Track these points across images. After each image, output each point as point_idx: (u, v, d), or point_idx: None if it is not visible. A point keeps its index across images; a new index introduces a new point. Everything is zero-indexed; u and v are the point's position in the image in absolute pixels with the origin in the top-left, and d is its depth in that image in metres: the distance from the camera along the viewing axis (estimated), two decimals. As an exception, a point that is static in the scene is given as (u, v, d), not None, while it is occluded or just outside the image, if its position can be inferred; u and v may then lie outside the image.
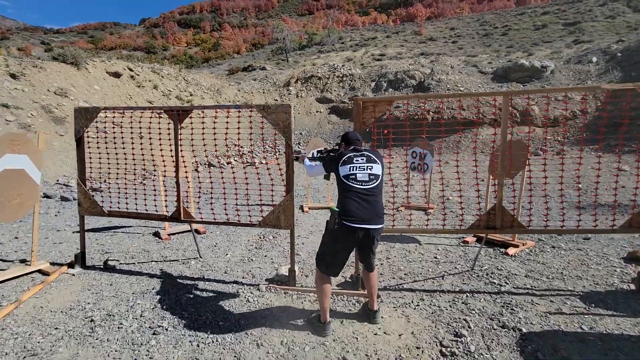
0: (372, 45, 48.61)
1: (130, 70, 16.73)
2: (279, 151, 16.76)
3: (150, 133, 4.02)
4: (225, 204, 3.98)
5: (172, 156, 3.59)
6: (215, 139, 3.69)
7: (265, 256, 4.34)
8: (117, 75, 15.79)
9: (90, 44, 66.78)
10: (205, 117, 4.05)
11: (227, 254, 4.40)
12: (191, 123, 3.48)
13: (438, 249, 4.40)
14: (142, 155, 4.20)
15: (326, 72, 24.20)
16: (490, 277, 3.51)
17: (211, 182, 4.51)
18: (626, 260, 3.73)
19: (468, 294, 3.18)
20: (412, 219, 5.65)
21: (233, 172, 3.90)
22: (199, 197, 4.93)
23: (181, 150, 3.63)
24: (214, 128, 3.55)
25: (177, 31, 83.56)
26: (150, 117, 3.67)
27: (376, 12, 74.93)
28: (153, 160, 4.56)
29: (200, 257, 4.25)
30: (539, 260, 3.88)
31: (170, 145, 3.60)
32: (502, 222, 3.06)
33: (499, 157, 4.21)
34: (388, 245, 4.58)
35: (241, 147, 15.79)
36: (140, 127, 4.12)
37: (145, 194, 4.62)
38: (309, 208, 6.73)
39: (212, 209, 5.14)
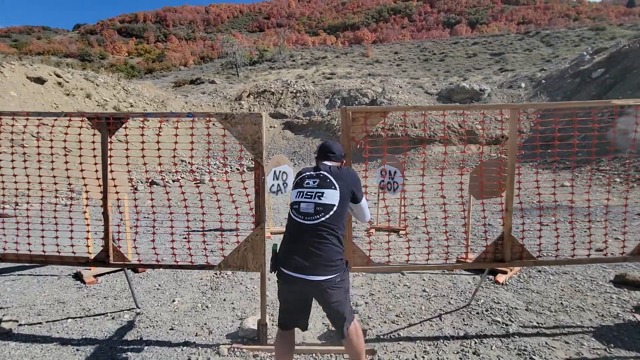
0: (323, 64, 49.72)
1: (58, 76, 14.65)
2: (242, 167, 15.67)
3: (81, 149, 3.05)
4: (172, 233, 3.12)
5: (98, 178, 2.70)
6: (159, 155, 2.86)
7: (224, 300, 3.52)
8: (40, 81, 13.68)
9: (13, 48, 59.25)
10: (147, 128, 3.20)
11: (173, 300, 3.49)
12: (126, 135, 2.65)
13: (424, 280, 3.93)
14: (67, 172, 3.18)
15: (280, 88, 23.77)
16: (491, 313, 3.10)
17: (153, 207, 3.59)
18: (616, 284, 3.58)
19: (476, 340, 2.70)
20: (390, 247, 5.19)
21: (183, 193, 3.06)
22: (136, 225, 3.94)
23: (111, 171, 2.75)
24: (158, 142, 2.73)
25: (117, 39, 77.98)
26: (80, 128, 2.76)
27: (325, 33, 77.33)
28: (83, 179, 3.52)
29: (138, 307, 3.29)
30: (532, 289, 3.58)
31: (95, 164, 2.71)
32: (512, 254, 2.66)
33: (476, 177, 3.95)
34: (369, 277, 4.02)
35: (192, 163, 14.45)
36: (65, 140, 3.12)
37: (71, 222, 3.54)
38: (271, 233, 5.98)
39: (153, 245, 4.16)
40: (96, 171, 2.72)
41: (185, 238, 5.55)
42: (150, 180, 11.22)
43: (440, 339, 2.73)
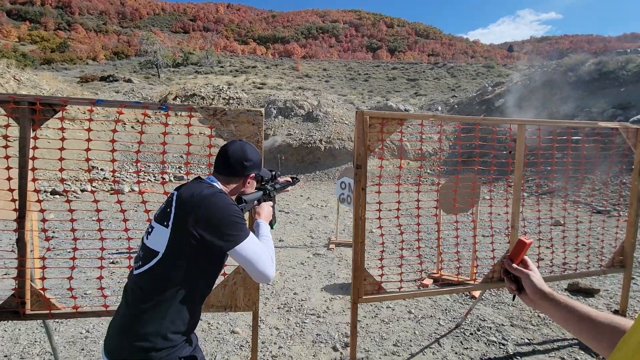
0: (253, 73, 48.95)
1: None
2: (169, 176, 13.89)
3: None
4: (101, 258, 2.34)
5: (10, 189, 1.84)
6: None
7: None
8: None
9: None
10: (70, 123, 2.38)
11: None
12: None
13: (403, 299, 3.74)
14: None
15: (211, 93, 22.35)
16: (484, 333, 3.01)
17: (73, 222, 2.69)
18: (572, 292, 3.87)
19: (483, 365, 2.55)
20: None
21: (120, 202, 2.31)
22: (48, 249, 2.95)
23: (34, 179, 1.92)
24: (89, 139, 1.96)
25: (6, 22, 64.99)
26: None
27: (255, 43, 76.55)
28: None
29: (58, 368, 2.37)
30: (507, 302, 3.65)
31: (8, 168, 1.86)
32: (517, 271, 2.60)
33: (449, 192, 3.98)
34: (347, 301, 3.67)
35: (140, 168, 12.31)
36: None
37: None
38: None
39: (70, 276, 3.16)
40: (8, 179, 1.87)
41: (112, 263, 4.51)
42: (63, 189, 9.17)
43: (449, 369, 2.51)
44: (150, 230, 1.23)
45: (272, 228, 1.63)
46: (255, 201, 1.49)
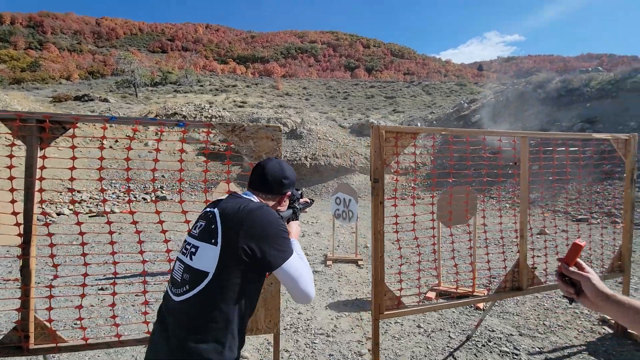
0: (233, 92, 49.11)
1: None
2: (151, 195, 13.39)
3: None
4: (102, 288, 2.21)
5: (14, 212, 1.71)
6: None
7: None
8: None
9: None
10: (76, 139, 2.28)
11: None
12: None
13: (413, 314, 3.70)
14: None
15: (192, 111, 22.12)
16: (496, 344, 3.02)
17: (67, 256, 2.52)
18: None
19: (501, 377, 2.54)
20: (357, 281, 4.88)
21: (115, 222, 2.20)
22: (56, 276, 2.74)
23: (41, 201, 1.80)
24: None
25: (-31, 40, 62.52)
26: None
27: (235, 62, 77.08)
28: None
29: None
30: (510, 312, 3.69)
31: (12, 190, 1.74)
32: (527, 281, 2.64)
33: (445, 204, 4.06)
34: (354, 318, 3.60)
35: (129, 189, 11.76)
36: None
37: None
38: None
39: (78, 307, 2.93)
40: (12, 202, 1.74)
41: (101, 289, 4.25)
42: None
43: (469, 383, 2.48)
44: (193, 250, 1.15)
45: None
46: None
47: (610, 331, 3.19)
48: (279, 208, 1.39)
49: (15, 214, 1.73)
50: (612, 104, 13.97)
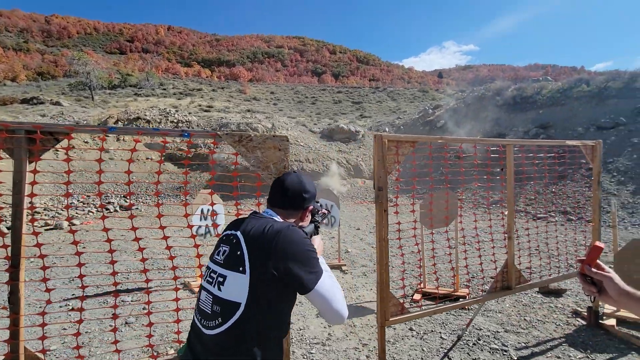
0: (198, 96, 47.76)
1: None
2: (114, 206, 12.51)
3: None
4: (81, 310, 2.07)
5: (4, 233, 1.54)
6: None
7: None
8: None
9: None
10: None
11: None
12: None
13: (401, 317, 3.78)
14: None
15: (156, 116, 21.21)
16: (485, 342, 3.16)
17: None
18: (543, 294, 4.25)
19: (496, 374, 2.66)
20: (345, 286, 4.89)
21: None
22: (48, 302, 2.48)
23: (32, 219, 1.64)
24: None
25: None
26: None
27: (200, 65, 75.01)
28: None
29: None
30: (494, 310, 3.88)
31: (2, 206, 1.56)
32: (516, 280, 2.80)
33: (427, 209, 4.21)
34: (347, 325, 3.61)
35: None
36: None
37: None
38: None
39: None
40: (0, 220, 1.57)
41: (72, 309, 3.93)
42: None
43: (467, 382, 2.57)
44: (221, 280, 1.10)
45: None
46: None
47: (584, 323, 3.46)
48: (301, 224, 1.36)
49: (2, 234, 1.56)
50: (562, 111, 15.24)
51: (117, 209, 12.87)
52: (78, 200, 12.90)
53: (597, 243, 0.98)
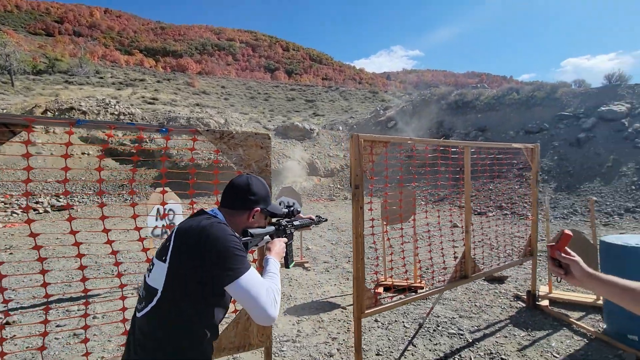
0: (141, 87, 44.54)
1: None
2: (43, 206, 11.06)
3: None
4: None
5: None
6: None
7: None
8: None
9: None
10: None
11: None
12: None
13: (366, 310, 3.94)
14: None
15: (94, 107, 19.35)
16: (444, 328, 3.42)
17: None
18: (488, 281, 4.70)
19: (455, 357, 2.90)
20: (309, 283, 4.94)
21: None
22: (6, 314, 2.12)
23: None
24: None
25: None
26: None
27: (142, 54, 69.71)
28: None
29: None
30: (448, 297, 4.20)
31: None
32: (471, 270, 3.07)
33: (389, 204, 4.45)
34: (315, 320, 3.67)
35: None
36: None
37: None
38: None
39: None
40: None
41: (7, 323, 3.50)
42: None
43: (432, 366, 2.78)
44: (151, 267, 1.19)
45: (287, 267, 1.61)
46: (267, 236, 1.44)
47: (524, 305, 3.91)
48: (248, 224, 1.34)
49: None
50: (497, 116, 16.84)
51: (49, 209, 11.54)
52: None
53: (566, 231, 1.10)
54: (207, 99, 47.25)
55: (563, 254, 1.08)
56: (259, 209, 1.36)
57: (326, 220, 1.75)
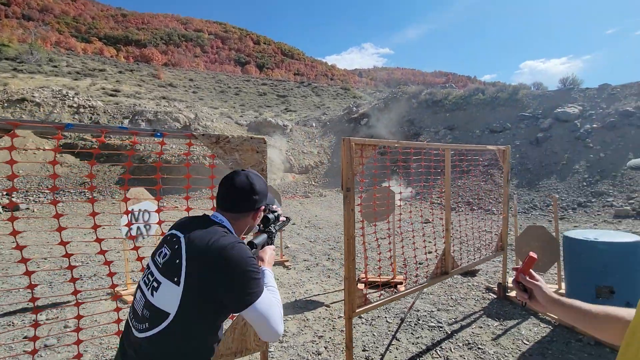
0: (101, 77, 41.94)
1: None
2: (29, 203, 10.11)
3: None
4: None
5: None
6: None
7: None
8: None
9: None
10: None
11: None
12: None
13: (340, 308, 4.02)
14: None
15: (50, 98, 18.01)
16: (424, 321, 3.58)
17: None
18: (463, 275, 4.96)
19: (437, 348, 3.05)
20: (290, 282, 4.94)
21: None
22: None
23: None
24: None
25: None
26: None
27: (102, 42, 65.54)
28: None
29: None
30: (426, 292, 4.39)
31: None
32: (451, 266, 3.23)
33: (368, 203, 4.56)
34: (300, 319, 3.70)
35: None
36: None
37: None
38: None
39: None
40: None
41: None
42: None
43: (415, 358, 2.91)
44: (155, 285, 1.07)
45: None
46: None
47: (495, 296, 4.17)
48: (252, 224, 1.32)
49: None
50: (464, 115, 17.60)
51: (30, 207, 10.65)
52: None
53: (531, 254, 1.05)
54: (174, 92, 45.41)
55: (528, 277, 1.04)
56: (263, 207, 1.33)
57: (289, 220, 1.76)
